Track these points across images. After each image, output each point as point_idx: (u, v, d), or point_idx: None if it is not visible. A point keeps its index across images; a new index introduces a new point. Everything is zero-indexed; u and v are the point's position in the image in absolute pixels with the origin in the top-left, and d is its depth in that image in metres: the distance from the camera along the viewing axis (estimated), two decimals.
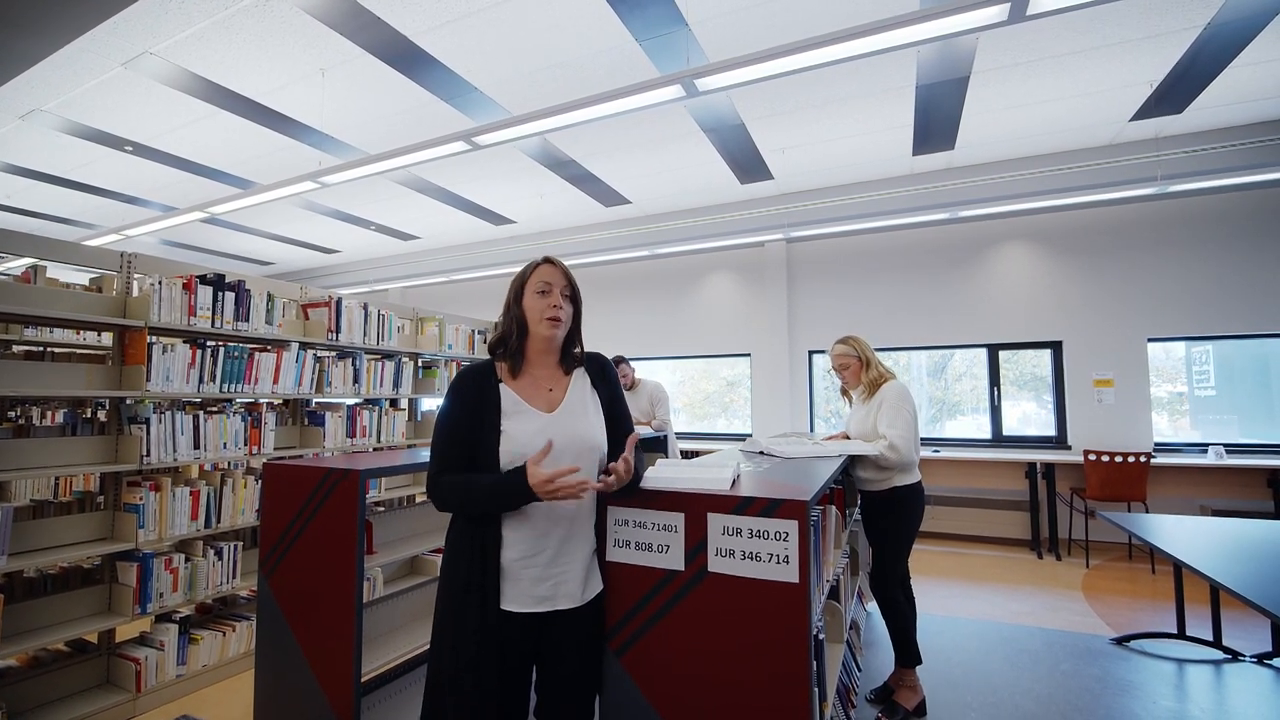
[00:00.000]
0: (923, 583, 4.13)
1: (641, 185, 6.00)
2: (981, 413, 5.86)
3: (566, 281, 1.46)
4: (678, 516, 1.41)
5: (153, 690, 2.54)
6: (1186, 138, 4.81)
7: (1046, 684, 2.71)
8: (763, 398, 6.51)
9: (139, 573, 2.53)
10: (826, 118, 4.58)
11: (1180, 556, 2.23)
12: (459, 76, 3.93)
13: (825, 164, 5.49)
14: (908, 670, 2.50)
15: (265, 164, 5.34)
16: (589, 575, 1.41)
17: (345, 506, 1.87)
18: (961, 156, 5.32)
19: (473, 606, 1.30)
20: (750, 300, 6.71)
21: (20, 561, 2.24)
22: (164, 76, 3.90)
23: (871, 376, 2.61)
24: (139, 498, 2.57)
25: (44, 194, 6.16)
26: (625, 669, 1.43)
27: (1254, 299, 4.85)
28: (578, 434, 1.40)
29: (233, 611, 3.06)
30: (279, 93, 4.14)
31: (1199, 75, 3.94)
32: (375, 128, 4.66)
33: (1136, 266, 5.21)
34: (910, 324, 5.95)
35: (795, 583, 1.27)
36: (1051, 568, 4.62)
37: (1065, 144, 5.07)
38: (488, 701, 1.28)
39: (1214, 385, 5.18)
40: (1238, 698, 2.62)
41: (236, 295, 2.98)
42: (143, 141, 4.89)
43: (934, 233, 5.90)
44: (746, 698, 1.29)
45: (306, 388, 3.33)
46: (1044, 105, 4.37)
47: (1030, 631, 3.33)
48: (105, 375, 2.57)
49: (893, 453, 2.40)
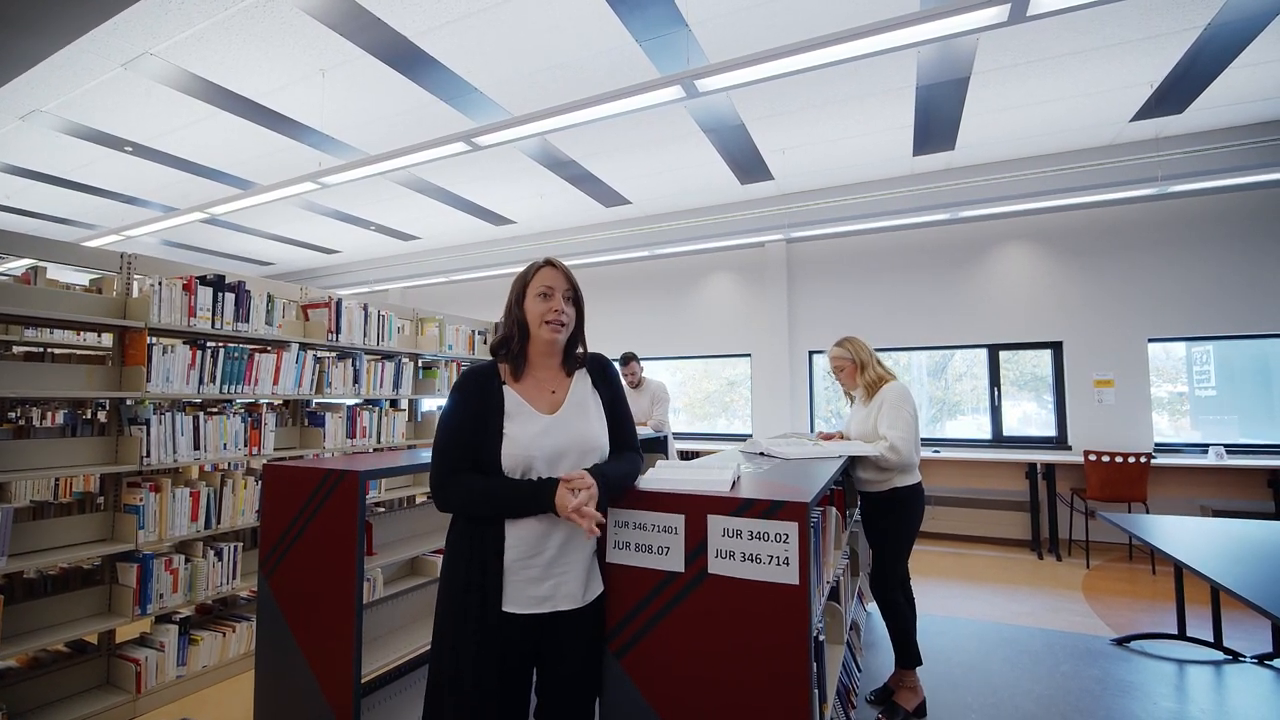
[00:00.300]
0: (923, 583, 4.13)
1: (642, 185, 6.00)
2: (982, 413, 5.86)
3: (568, 284, 1.45)
4: (678, 518, 1.41)
5: (153, 691, 2.54)
6: (1187, 138, 4.81)
7: (1046, 685, 2.70)
8: (763, 398, 6.51)
9: (139, 574, 2.53)
10: (827, 118, 4.58)
11: (1181, 557, 2.23)
12: (459, 77, 3.93)
13: (826, 164, 5.49)
14: (908, 671, 2.50)
15: (265, 164, 5.34)
16: (589, 577, 1.41)
17: (345, 507, 1.87)
18: (962, 157, 5.32)
19: (473, 607, 1.31)
20: (750, 300, 6.71)
21: (20, 562, 2.24)
22: (164, 77, 3.90)
23: (869, 378, 2.61)
24: (139, 499, 2.57)
25: (44, 194, 6.16)
26: (625, 670, 1.42)
27: (1254, 299, 4.85)
28: (580, 435, 1.40)
29: (233, 612, 3.06)
30: (279, 93, 4.14)
31: (1199, 76, 3.94)
32: (375, 128, 4.66)
33: (1137, 267, 5.20)
34: (910, 324, 5.95)
35: (795, 584, 1.27)
36: (1052, 568, 4.62)
37: (1066, 144, 5.07)
38: (488, 702, 1.28)
39: (1214, 385, 5.18)
40: (1238, 698, 2.62)
41: (236, 296, 2.98)
42: (143, 142, 4.89)
43: (934, 233, 5.90)
44: (746, 699, 1.29)
45: (306, 388, 3.33)
46: (1044, 106, 4.37)
47: (1030, 632, 3.33)
48: (105, 376, 2.57)
49: (893, 454, 2.40)
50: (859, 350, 2.67)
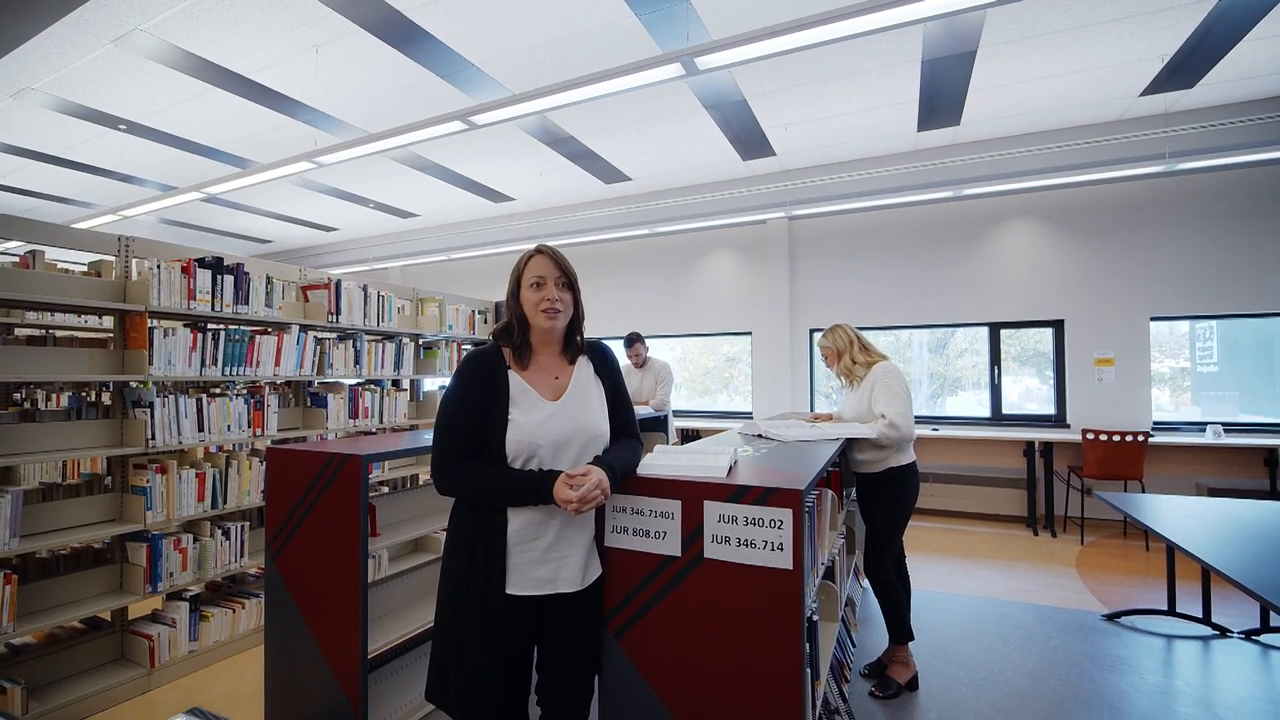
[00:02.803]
0: (918, 559, 4.19)
1: (642, 162, 5.92)
2: (982, 388, 5.87)
3: (560, 271, 1.44)
4: (675, 504, 1.43)
5: (166, 665, 2.62)
6: (1197, 113, 4.73)
7: (1037, 659, 2.77)
8: (764, 376, 6.53)
9: (148, 553, 2.58)
10: (831, 93, 4.50)
11: (1173, 538, 2.26)
12: (455, 52, 3.86)
13: (829, 140, 5.41)
14: (901, 646, 2.56)
15: (260, 142, 5.27)
16: (589, 560, 1.44)
17: (348, 491, 1.90)
18: (967, 133, 5.23)
19: (476, 589, 1.34)
20: (751, 278, 6.68)
21: (32, 543, 2.29)
22: (155, 53, 3.83)
23: (853, 363, 2.67)
24: (146, 480, 2.61)
25: (39, 173, 6.10)
26: (623, 650, 1.46)
27: (1258, 277, 4.82)
28: (583, 422, 1.42)
29: (242, 589, 3.13)
30: (271, 69, 4.07)
31: (1212, 49, 3.85)
32: (371, 105, 4.59)
33: (1140, 245, 5.16)
34: (912, 303, 5.93)
35: (789, 569, 1.30)
36: (1046, 544, 4.69)
37: (1073, 120, 4.98)
38: (490, 680, 1.32)
39: (1217, 361, 5.18)
40: (1223, 673, 2.68)
41: (236, 278, 2.98)
42: (136, 120, 4.83)
43: (937, 210, 5.84)
44: (740, 678, 1.33)
45: (308, 370, 3.35)
46: (1053, 80, 4.28)
47: (1023, 608, 3.40)
48: (108, 359, 2.59)
49: (893, 430, 2.42)
50: (840, 339, 2.73)
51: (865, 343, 2.72)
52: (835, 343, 2.74)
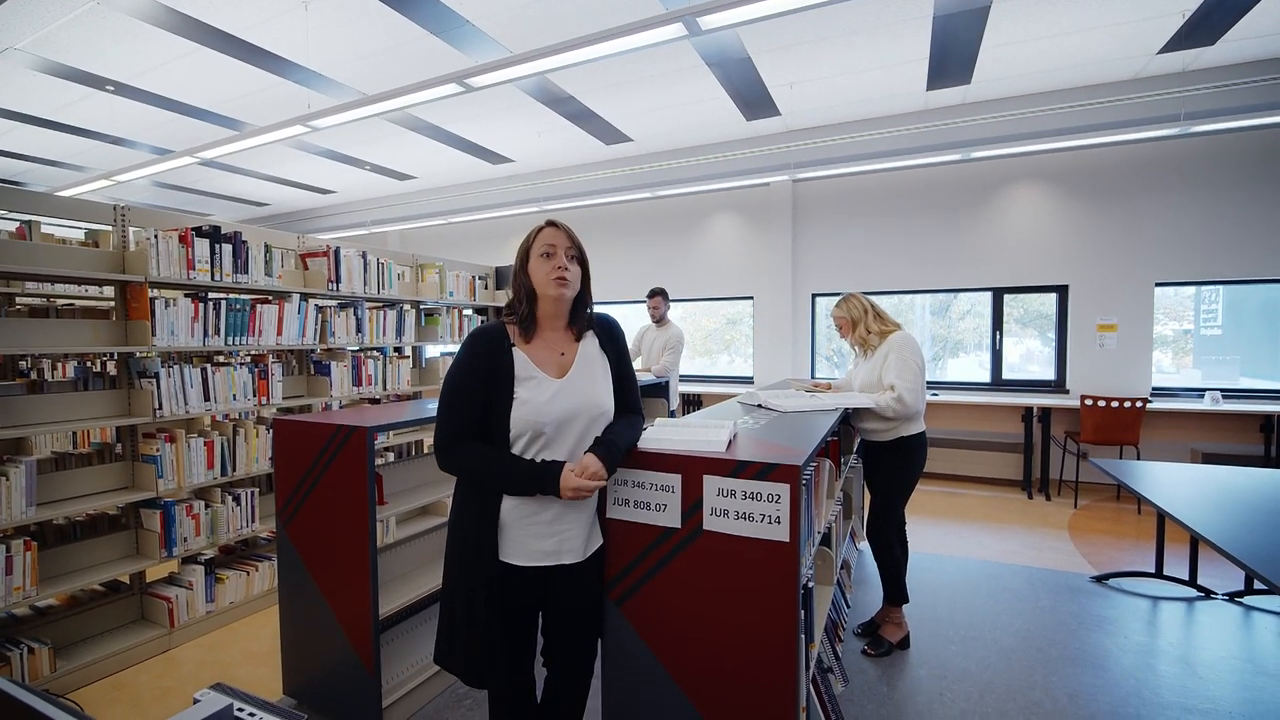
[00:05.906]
0: (914, 522, 4.27)
1: (643, 122, 5.78)
2: (984, 350, 5.88)
3: (570, 243, 1.45)
4: (675, 478, 1.46)
5: (185, 625, 2.72)
6: (1214, 72, 4.57)
7: (1026, 619, 2.86)
8: (765, 341, 6.53)
9: (162, 519, 2.65)
10: (838, 50, 4.35)
11: (1165, 506, 2.30)
12: (449, 9, 3.72)
13: (835, 99, 5.26)
14: (894, 608, 2.64)
15: (252, 102, 5.15)
16: (591, 532, 1.48)
17: (355, 462, 1.94)
18: (977, 92, 5.08)
19: (481, 562, 1.38)
20: (754, 242, 6.60)
21: (48, 511, 2.35)
22: (139, 11, 3.70)
23: (868, 332, 2.64)
24: (155, 449, 2.65)
25: (27, 136, 5.98)
26: (625, 616, 1.52)
27: (1266, 242, 4.75)
28: (588, 399, 1.43)
29: (255, 552, 3.22)
30: (260, 27, 3.94)
31: (1237, 2, 3.69)
32: (363, 64, 4.46)
33: (1147, 209, 5.07)
34: (915, 267, 5.87)
35: (786, 541, 1.33)
36: (1040, 508, 4.77)
37: (1088, 78, 4.83)
38: (496, 645, 1.38)
39: (1221, 325, 5.17)
40: (1205, 633, 2.77)
41: (234, 246, 2.96)
42: (124, 80, 4.70)
43: (942, 172, 5.72)
44: (737, 643, 1.39)
45: (310, 338, 3.36)
46: (1069, 36, 4.13)
47: (1014, 569, 3.49)
48: (111, 330, 2.60)
49: (899, 404, 2.43)
50: (854, 309, 2.69)
51: (880, 311, 2.69)
52: (850, 312, 2.70)
